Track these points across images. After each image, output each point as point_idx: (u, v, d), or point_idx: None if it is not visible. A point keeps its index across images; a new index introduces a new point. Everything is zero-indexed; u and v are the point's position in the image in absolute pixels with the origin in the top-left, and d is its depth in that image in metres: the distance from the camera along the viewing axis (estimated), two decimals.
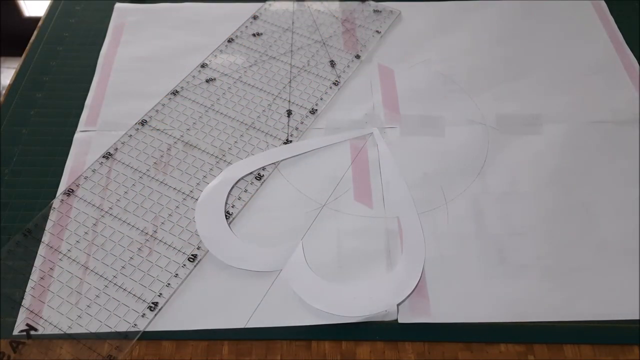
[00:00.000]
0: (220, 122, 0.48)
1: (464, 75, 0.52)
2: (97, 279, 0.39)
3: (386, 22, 0.56)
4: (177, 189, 0.44)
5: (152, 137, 0.47)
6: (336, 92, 0.50)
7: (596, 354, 0.36)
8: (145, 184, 0.44)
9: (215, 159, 0.45)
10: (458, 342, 0.37)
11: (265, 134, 0.47)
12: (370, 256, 0.40)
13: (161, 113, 0.49)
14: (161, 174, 0.44)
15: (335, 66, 0.52)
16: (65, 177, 0.44)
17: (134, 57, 0.53)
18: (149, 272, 0.39)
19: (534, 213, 0.43)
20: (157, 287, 0.38)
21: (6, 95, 0.51)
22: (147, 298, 0.38)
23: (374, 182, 0.44)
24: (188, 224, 0.42)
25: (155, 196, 0.43)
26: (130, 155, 0.46)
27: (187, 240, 0.41)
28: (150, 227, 0.41)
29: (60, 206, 0.42)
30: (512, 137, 0.47)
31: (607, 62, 0.53)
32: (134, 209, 0.42)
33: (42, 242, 0.40)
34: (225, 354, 0.37)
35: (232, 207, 0.42)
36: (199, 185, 0.44)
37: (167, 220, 0.42)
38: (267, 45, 0.54)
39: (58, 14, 0.58)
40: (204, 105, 0.49)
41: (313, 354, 0.37)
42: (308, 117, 0.48)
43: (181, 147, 0.46)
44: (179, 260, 0.40)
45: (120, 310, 0.37)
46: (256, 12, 0.58)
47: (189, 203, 0.43)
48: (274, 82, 0.51)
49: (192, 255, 0.40)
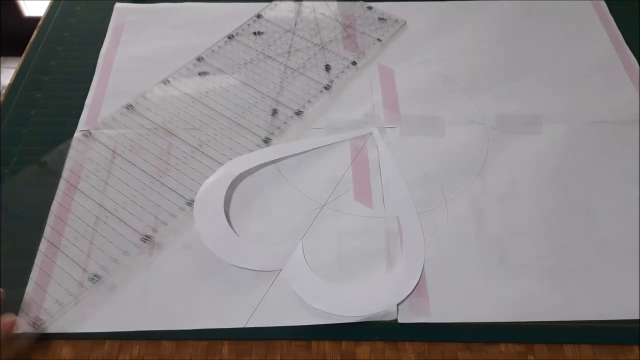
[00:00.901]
0: (204, 114, 0.49)
1: (464, 75, 0.52)
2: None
3: (389, 31, 0.55)
4: (146, 171, 0.45)
5: (134, 121, 0.48)
6: (326, 96, 0.50)
7: (596, 354, 0.36)
8: (117, 164, 0.45)
9: (192, 148, 0.46)
10: (458, 342, 0.37)
11: (245, 130, 0.47)
12: (370, 256, 0.40)
13: (149, 100, 0.50)
14: (135, 156, 0.46)
15: (330, 70, 0.52)
16: (65, 177, 0.44)
17: (134, 57, 0.53)
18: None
19: (534, 213, 0.43)
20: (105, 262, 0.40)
21: (6, 95, 0.51)
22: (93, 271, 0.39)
23: (374, 182, 0.44)
24: (149, 206, 0.43)
25: (126, 177, 0.44)
26: (108, 136, 0.47)
27: (144, 222, 0.42)
28: (111, 205, 0.43)
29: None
30: (512, 137, 0.47)
31: (607, 62, 0.53)
32: (103, 188, 0.44)
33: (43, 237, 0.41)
34: (225, 354, 0.37)
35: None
36: (169, 170, 0.45)
37: (130, 201, 0.43)
38: (266, 45, 0.54)
39: (58, 14, 0.58)
40: (192, 97, 0.50)
41: (313, 354, 0.37)
42: (293, 118, 0.48)
43: (161, 134, 0.47)
44: (132, 239, 0.41)
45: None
46: (261, 11, 0.58)
47: (156, 186, 0.44)
48: (266, 80, 0.51)
49: (146, 236, 0.41)
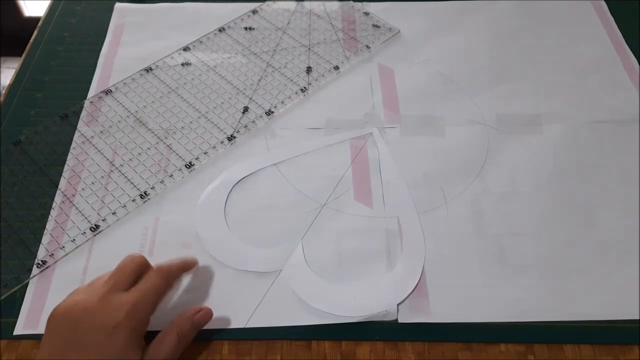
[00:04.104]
0: (177, 105, 0.49)
1: (464, 75, 0.52)
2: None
3: (380, 39, 0.55)
4: (108, 158, 0.45)
5: (110, 107, 0.49)
6: (300, 99, 0.50)
7: (596, 354, 0.36)
8: (83, 149, 0.46)
9: (157, 139, 0.47)
10: (458, 342, 0.37)
11: (213, 126, 0.48)
12: (370, 256, 0.40)
13: (128, 86, 0.50)
14: (102, 142, 0.46)
15: (310, 73, 0.52)
16: (65, 176, 0.45)
17: (134, 57, 0.53)
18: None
19: (534, 213, 0.43)
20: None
21: (6, 95, 0.51)
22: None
23: (374, 182, 0.44)
24: (104, 195, 0.43)
25: (87, 162, 0.45)
26: (83, 120, 0.48)
27: (97, 211, 0.42)
28: (70, 190, 0.44)
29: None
30: (512, 137, 0.47)
31: (607, 62, 0.53)
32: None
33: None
34: (225, 354, 0.37)
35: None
36: (131, 160, 0.45)
37: (88, 188, 0.44)
38: (254, 41, 0.54)
39: (58, 14, 0.58)
40: (169, 86, 0.50)
41: (313, 354, 0.37)
42: (262, 117, 0.48)
43: (131, 122, 0.48)
44: (81, 228, 0.42)
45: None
46: (257, 7, 0.58)
47: (114, 176, 0.45)
48: (244, 77, 0.51)
49: (95, 225, 0.42)
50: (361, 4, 0.58)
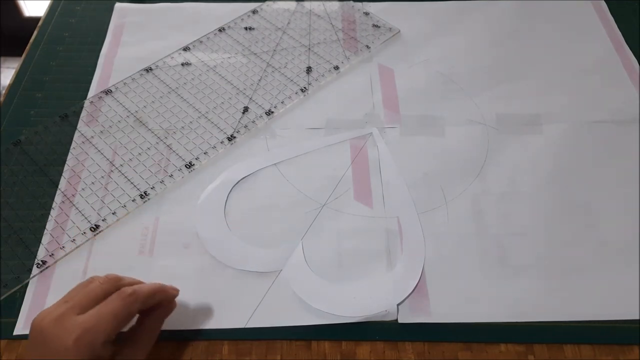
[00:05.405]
0: (177, 105, 0.49)
1: (464, 75, 0.52)
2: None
3: (380, 39, 0.55)
4: (108, 158, 0.45)
5: (110, 107, 0.49)
6: (300, 99, 0.50)
7: (596, 354, 0.36)
8: (83, 149, 0.46)
9: (157, 139, 0.47)
10: (458, 342, 0.37)
11: (213, 126, 0.47)
12: (370, 256, 0.40)
13: (128, 86, 0.50)
14: (102, 142, 0.46)
15: (310, 73, 0.52)
16: (65, 176, 0.45)
17: (134, 57, 0.53)
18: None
19: (534, 213, 0.43)
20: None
21: (6, 95, 0.51)
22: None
23: (374, 182, 0.44)
24: (104, 195, 0.43)
25: (87, 162, 0.45)
26: (83, 120, 0.48)
27: (97, 211, 0.42)
28: (70, 190, 0.44)
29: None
30: (512, 137, 0.47)
31: (607, 62, 0.53)
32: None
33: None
34: (225, 354, 0.37)
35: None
36: (131, 160, 0.45)
37: (88, 188, 0.44)
38: (254, 41, 0.54)
39: (58, 14, 0.58)
40: (169, 86, 0.50)
41: (313, 354, 0.37)
42: (262, 117, 0.48)
43: (131, 122, 0.48)
44: (81, 228, 0.42)
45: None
46: (257, 7, 0.58)
47: (114, 176, 0.44)
48: (245, 77, 0.51)
49: (95, 225, 0.42)
50: (361, 4, 0.58)
